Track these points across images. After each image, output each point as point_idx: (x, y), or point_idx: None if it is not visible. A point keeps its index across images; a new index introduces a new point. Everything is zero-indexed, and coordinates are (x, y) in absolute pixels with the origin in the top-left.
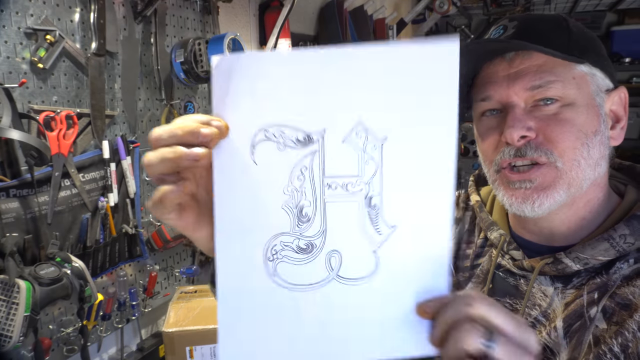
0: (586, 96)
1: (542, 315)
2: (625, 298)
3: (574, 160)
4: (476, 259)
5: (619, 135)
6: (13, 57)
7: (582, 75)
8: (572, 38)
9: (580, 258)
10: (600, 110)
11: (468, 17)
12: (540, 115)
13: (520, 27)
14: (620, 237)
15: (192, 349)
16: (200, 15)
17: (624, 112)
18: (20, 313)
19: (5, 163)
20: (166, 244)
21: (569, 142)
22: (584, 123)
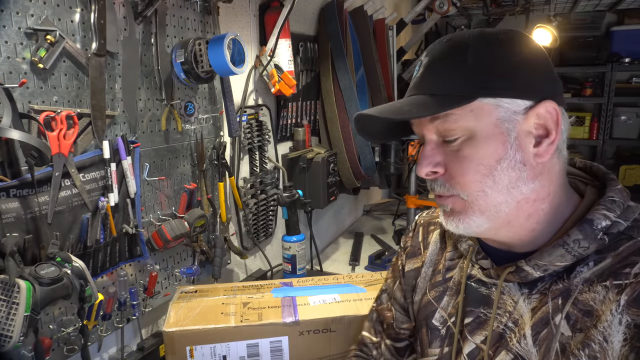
0: (488, 126)
1: (511, 322)
2: (587, 304)
3: (478, 191)
4: (447, 272)
5: (546, 150)
6: (13, 57)
7: (480, 106)
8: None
9: (539, 265)
10: (509, 136)
11: (468, 18)
12: (447, 151)
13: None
14: (574, 242)
15: (193, 349)
16: (201, 15)
17: (553, 125)
18: (20, 313)
19: (5, 163)
20: (166, 244)
21: (469, 176)
22: (484, 155)
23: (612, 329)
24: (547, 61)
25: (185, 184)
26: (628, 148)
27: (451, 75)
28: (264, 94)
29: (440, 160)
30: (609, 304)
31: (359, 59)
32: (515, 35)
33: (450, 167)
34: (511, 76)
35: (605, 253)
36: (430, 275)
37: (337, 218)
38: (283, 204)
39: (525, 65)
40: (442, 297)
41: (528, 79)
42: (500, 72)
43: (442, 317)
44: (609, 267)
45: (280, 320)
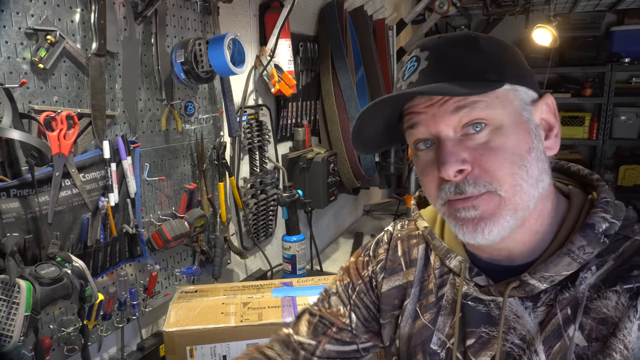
0: (513, 114)
1: (518, 339)
2: (600, 312)
3: (515, 186)
4: (439, 290)
5: (554, 143)
6: (14, 57)
7: (505, 93)
8: (487, 59)
9: (545, 277)
10: (530, 124)
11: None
12: (472, 145)
13: (433, 58)
14: (580, 249)
15: (193, 349)
16: (201, 15)
17: (554, 119)
18: (20, 313)
19: (5, 163)
20: (166, 244)
21: (505, 169)
22: (516, 145)
23: (633, 336)
24: None
25: (186, 184)
26: (628, 148)
27: (472, 61)
28: (264, 94)
29: (466, 157)
30: (625, 310)
31: (359, 59)
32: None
33: (482, 161)
34: (520, 67)
35: (605, 256)
36: (419, 295)
37: (337, 218)
38: (283, 204)
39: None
40: (436, 319)
41: (530, 72)
42: (512, 62)
43: (439, 339)
44: (612, 270)
45: (281, 320)
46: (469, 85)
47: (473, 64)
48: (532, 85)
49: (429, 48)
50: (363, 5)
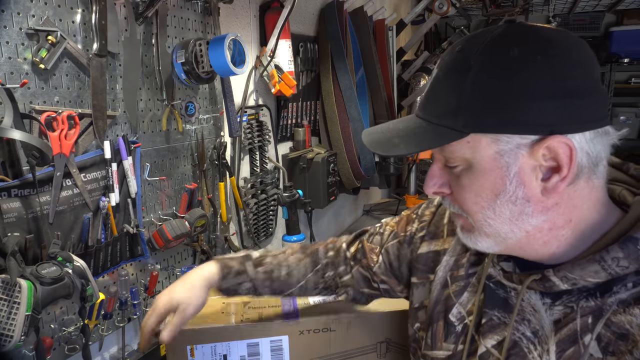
0: (485, 159)
1: (530, 332)
2: (622, 327)
3: (481, 220)
4: (471, 267)
5: (555, 187)
6: (15, 57)
7: (479, 139)
8: (466, 104)
9: (568, 278)
10: (508, 171)
11: (467, 18)
12: (451, 174)
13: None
14: (613, 260)
15: (193, 348)
16: (201, 16)
17: (566, 160)
18: (21, 312)
19: (7, 163)
20: (167, 244)
21: (469, 206)
22: (481, 188)
23: None
24: (579, 83)
25: (186, 184)
26: (627, 148)
27: (447, 103)
28: (264, 94)
29: (445, 181)
30: None
31: (359, 60)
32: (542, 49)
33: (455, 192)
34: (514, 110)
35: None
36: (452, 265)
37: (337, 218)
38: (283, 204)
39: (537, 95)
40: (462, 293)
41: (536, 111)
42: (500, 106)
43: (459, 313)
44: None
45: (281, 320)
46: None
47: (448, 107)
48: (530, 128)
49: (439, 67)
50: (363, 6)
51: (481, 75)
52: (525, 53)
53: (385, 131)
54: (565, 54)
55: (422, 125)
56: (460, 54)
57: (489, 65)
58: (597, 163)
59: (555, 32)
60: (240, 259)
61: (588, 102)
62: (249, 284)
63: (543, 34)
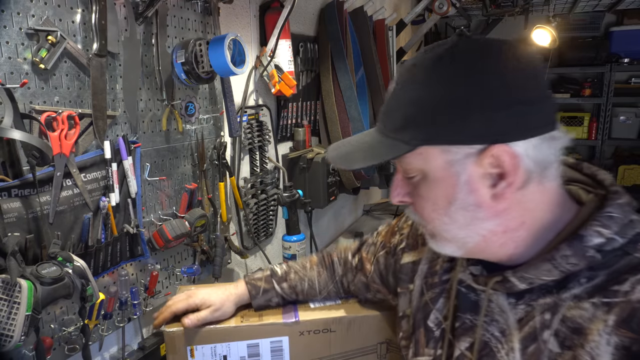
0: (437, 169)
1: (498, 331)
2: (575, 322)
3: (440, 226)
4: (445, 273)
5: (503, 193)
6: (14, 57)
7: (428, 150)
8: (413, 118)
9: (525, 277)
10: (458, 179)
11: (467, 18)
12: (411, 184)
13: (388, 99)
14: (562, 258)
15: (193, 349)
16: (201, 16)
17: (510, 168)
18: (21, 312)
19: (7, 163)
20: (167, 244)
21: (427, 213)
22: (436, 197)
23: (600, 350)
24: (522, 93)
25: (186, 184)
26: (627, 148)
27: (396, 118)
28: (264, 94)
29: (407, 191)
30: (597, 323)
31: (358, 60)
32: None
33: (414, 201)
34: (457, 121)
35: (598, 270)
36: (427, 272)
37: (337, 218)
38: (283, 204)
39: (480, 106)
40: (438, 299)
41: (480, 121)
42: (445, 118)
43: (436, 318)
44: (599, 284)
45: (281, 321)
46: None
47: (396, 122)
48: (474, 138)
49: (395, 81)
50: (363, 6)
51: (428, 90)
52: (468, 66)
53: (348, 145)
54: (508, 66)
55: (379, 139)
56: (412, 70)
57: (435, 80)
58: (545, 167)
59: (501, 44)
60: (267, 278)
61: (531, 111)
62: (277, 299)
63: (488, 47)
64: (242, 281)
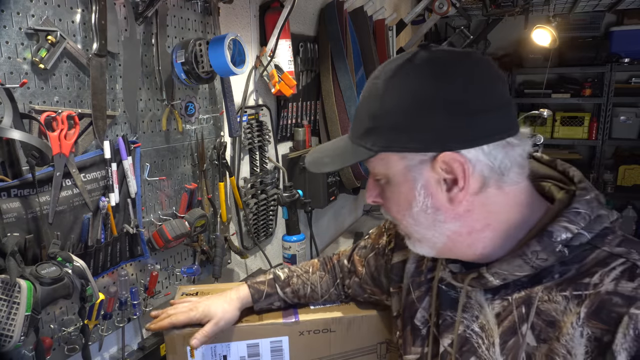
0: (397, 174)
1: (478, 327)
2: (550, 315)
3: (407, 227)
4: (429, 272)
5: (456, 197)
6: (14, 57)
7: (388, 157)
8: (373, 126)
9: (499, 273)
10: (416, 183)
11: (467, 18)
12: (380, 186)
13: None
14: (533, 254)
15: (193, 349)
16: (201, 16)
17: (461, 174)
18: (21, 312)
19: (6, 163)
20: (167, 244)
21: (394, 214)
22: (398, 200)
23: (575, 342)
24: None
25: (186, 184)
26: (627, 148)
27: (360, 125)
28: (264, 94)
29: (378, 192)
30: (570, 316)
31: (359, 60)
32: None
33: (383, 202)
34: (412, 129)
35: (569, 265)
36: (413, 272)
37: (337, 218)
38: (283, 204)
39: (431, 115)
40: (424, 298)
41: (430, 130)
42: (399, 126)
43: (423, 317)
44: (571, 277)
45: (281, 320)
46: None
47: (360, 129)
48: (425, 145)
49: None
50: (363, 6)
51: (385, 99)
52: (422, 75)
53: (322, 150)
54: (461, 76)
55: (347, 145)
56: (374, 79)
57: (391, 89)
58: (503, 172)
59: (457, 55)
60: (269, 282)
61: (482, 119)
62: (279, 303)
63: (444, 58)
64: (245, 285)
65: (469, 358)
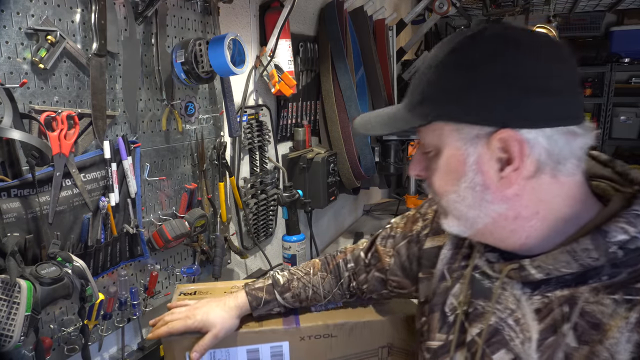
0: (449, 146)
1: (512, 320)
2: (595, 317)
3: (449, 202)
4: (464, 259)
5: (510, 177)
6: (14, 57)
7: (442, 127)
8: (431, 94)
9: (542, 267)
10: (468, 158)
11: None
12: (428, 159)
13: (413, 79)
14: (583, 251)
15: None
16: (201, 15)
17: (517, 154)
18: (21, 313)
19: (6, 163)
20: (167, 244)
21: (437, 188)
22: (447, 173)
23: (620, 347)
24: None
25: (186, 184)
26: (627, 148)
27: (415, 93)
28: (264, 94)
29: (424, 166)
30: (618, 320)
31: (359, 59)
32: (505, 49)
33: (428, 175)
34: (471, 103)
35: (621, 268)
36: (449, 259)
37: (337, 218)
38: (283, 204)
39: (493, 90)
40: (455, 284)
41: (492, 105)
42: (459, 97)
43: (452, 304)
44: (622, 281)
45: (281, 327)
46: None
47: (416, 96)
48: (484, 120)
49: (427, 56)
50: (363, 6)
51: (447, 71)
52: (487, 52)
53: (373, 115)
54: (530, 54)
55: (400, 112)
56: (437, 50)
57: (454, 62)
58: (560, 160)
59: (525, 33)
60: (268, 288)
61: (548, 101)
62: (279, 308)
63: (511, 34)
64: (243, 291)
65: (498, 350)
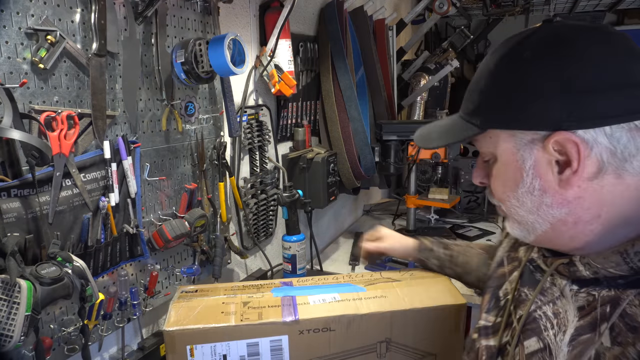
0: (505, 152)
1: (552, 312)
2: (635, 320)
3: (510, 208)
4: (527, 250)
5: (569, 180)
6: (14, 57)
7: (498, 134)
8: (485, 101)
9: (591, 265)
10: (524, 163)
11: (468, 18)
12: (487, 167)
13: (470, 82)
14: (636, 254)
15: (193, 348)
16: (201, 15)
17: (575, 156)
18: (21, 313)
19: (6, 163)
20: (167, 244)
21: (498, 195)
22: (505, 180)
23: None
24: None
25: (186, 184)
26: None
27: (470, 102)
28: (264, 94)
29: (485, 174)
30: None
31: (359, 59)
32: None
33: (489, 182)
34: (523, 107)
35: None
36: (509, 248)
37: (337, 218)
38: (283, 204)
39: (544, 92)
40: (512, 272)
41: (544, 108)
42: (510, 104)
43: (505, 289)
44: None
45: (280, 320)
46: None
47: (471, 105)
48: (539, 124)
49: (481, 64)
50: (363, 6)
51: (497, 78)
52: (536, 54)
53: (431, 127)
54: (579, 53)
55: (456, 122)
56: (490, 57)
57: (505, 67)
58: (625, 159)
59: (581, 29)
60: (433, 240)
61: (603, 98)
62: (435, 261)
63: (565, 33)
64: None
65: (530, 337)
